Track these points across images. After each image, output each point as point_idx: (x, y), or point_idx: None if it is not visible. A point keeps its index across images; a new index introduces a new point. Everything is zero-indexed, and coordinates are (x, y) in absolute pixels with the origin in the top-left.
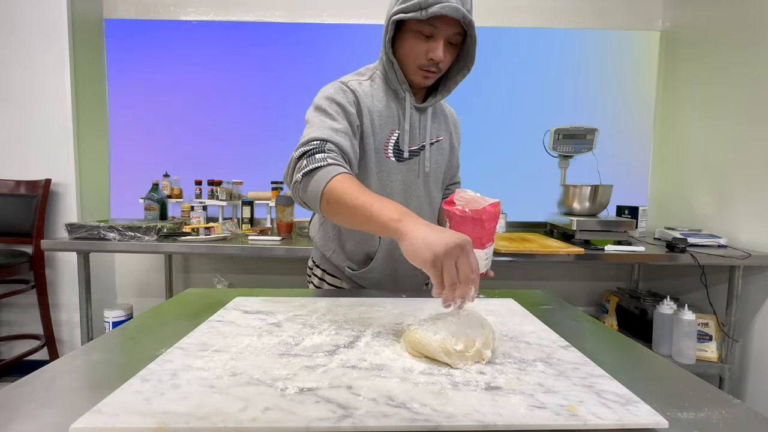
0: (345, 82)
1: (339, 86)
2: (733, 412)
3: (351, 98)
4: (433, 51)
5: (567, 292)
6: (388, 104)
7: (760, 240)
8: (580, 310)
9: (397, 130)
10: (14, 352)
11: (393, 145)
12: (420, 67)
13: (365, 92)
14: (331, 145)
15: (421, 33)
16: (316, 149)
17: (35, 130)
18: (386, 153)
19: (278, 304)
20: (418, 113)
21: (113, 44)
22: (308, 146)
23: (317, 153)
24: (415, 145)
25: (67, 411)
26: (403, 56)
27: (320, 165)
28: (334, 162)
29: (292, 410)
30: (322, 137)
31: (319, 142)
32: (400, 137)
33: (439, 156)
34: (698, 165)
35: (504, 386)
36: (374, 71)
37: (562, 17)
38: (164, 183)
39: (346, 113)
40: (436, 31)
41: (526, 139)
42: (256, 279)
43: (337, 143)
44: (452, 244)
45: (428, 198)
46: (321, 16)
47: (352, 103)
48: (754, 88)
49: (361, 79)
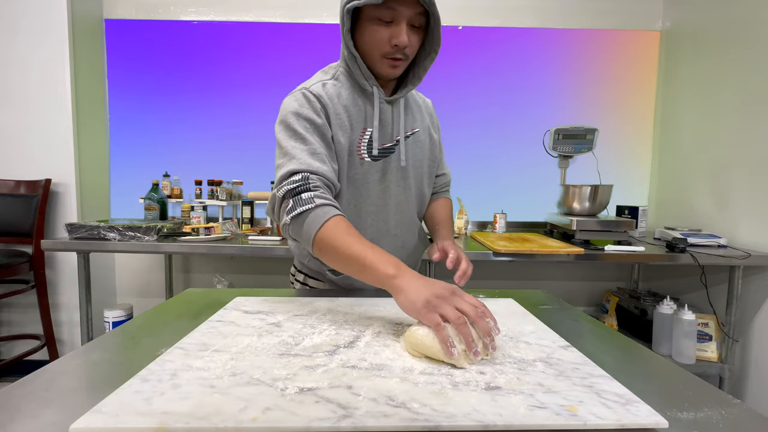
0: (307, 87)
1: (302, 96)
2: (733, 412)
3: (317, 106)
4: (396, 36)
5: (567, 292)
6: (356, 102)
7: (760, 240)
8: (580, 310)
9: (369, 128)
10: (14, 352)
11: (366, 144)
12: (385, 56)
13: (330, 93)
14: (314, 178)
15: (381, 19)
16: (300, 187)
17: (35, 130)
18: (360, 154)
19: (278, 304)
20: (390, 106)
21: (113, 44)
22: (291, 184)
23: (302, 192)
24: (389, 141)
25: (67, 411)
26: (365, 47)
27: (308, 208)
28: (322, 202)
29: (292, 410)
30: (302, 169)
31: (302, 177)
32: (373, 135)
33: (417, 148)
34: (698, 165)
35: (504, 386)
36: (337, 69)
37: (562, 17)
38: (164, 183)
39: (315, 127)
40: (396, 14)
41: (526, 139)
42: (256, 279)
43: (318, 173)
44: (441, 288)
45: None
46: (321, 16)
47: (319, 112)
48: (754, 88)
49: (324, 79)
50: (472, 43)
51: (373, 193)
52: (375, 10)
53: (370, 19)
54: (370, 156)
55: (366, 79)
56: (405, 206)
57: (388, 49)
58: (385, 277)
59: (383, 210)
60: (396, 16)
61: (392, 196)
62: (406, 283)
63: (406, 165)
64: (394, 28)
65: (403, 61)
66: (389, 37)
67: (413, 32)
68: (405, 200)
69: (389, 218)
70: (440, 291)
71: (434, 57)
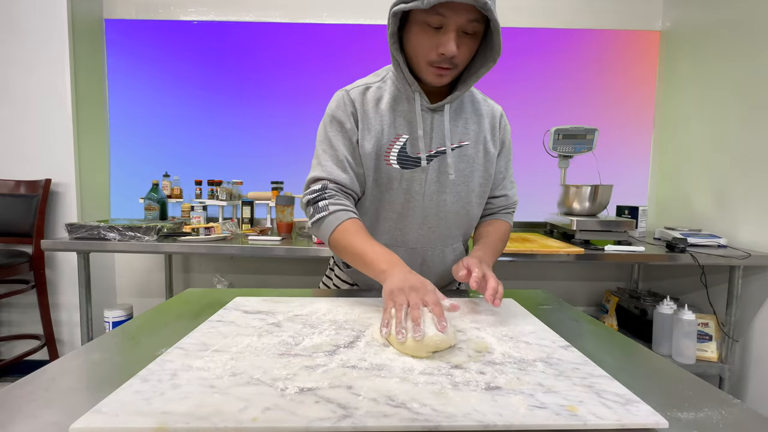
0: (348, 90)
1: (341, 97)
2: (733, 412)
3: (350, 110)
4: (444, 45)
5: (567, 292)
6: (396, 107)
7: (760, 240)
8: (580, 310)
9: (404, 135)
10: (14, 352)
11: (398, 151)
12: (431, 64)
13: (369, 98)
14: (332, 187)
15: (429, 24)
16: (318, 197)
17: (35, 130)
18: (387, 160)
19: (278, 304)
20: (432, 115)
21: (113, 44)
22: (312, 194)
23: (320, 201)
24: (427, 151)
25: (67, 411)
26: (411, 52)
27: (323, 215)
28: (336, 209)
29: (292, 410)
30: (322, 177)
31: (321, 187)
32: (408, 142)
33: (463, 163)
34: (698, 165)
35: (504, 386)
36: (388, 71)
37: (562, 17)
38: (164, 183)
39: (344, 132)
40: (445, 20)
41: (526, 139)
42: (256, 279)
43: (337, 181)
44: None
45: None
46: (321, 16)
47: (350, 117)
48: (754, 88)
49: (372, 81)
50: None
51: (395, 200)
52: (423, 14)
53: (418, 23)
54: (399, 163)
55: (409, 84)
56: (435, 222)
57: (434, 58)
58: (378, 272)
59: (403, 220)
60: (445, 23)
61: (417, 209)
62: (390, 275)
63: (443, 178)
64: (442, 36)
65: (451, 70)
66: (436, 44)
67: (465, 40)
68: (436, 216)
69: (409, 230)
70: (411, 284)
71: (491, 66)
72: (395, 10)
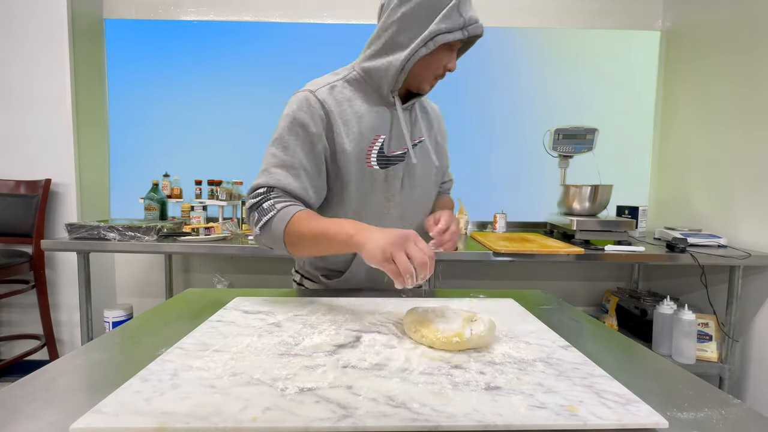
0: (313, 91)
1: (305, 99)
2: (733, 412)
3: (318, 113)
4: (451, 62)
5: (567, 292)
6: (371, 109)
7: (760, 240)
8: (580, 310)
9: (382, 135)
10: (14, 352)
11: (377, 151)
12: (436, 77)
13: (339, 98)
14: (277, 191)
15: (451, 48)
16: (263, 199)
17: (35, 130)
18: (368, 162)
19: (278, 304)
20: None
21: (113, 44)
22: (255, 198)
23: (264, 202)
24: (400, 149)
25: (67, 411)
26: (422, 68)
27: (271, 216)
28: (284, 205)
29: (292, 410)
30: (269, 184)
31: (265, 190)
32: (385, 142)
33: (425, 157)
34: (698, 165)
35: (504, 386)
36: (349, 73)
37: (562, 17)
38: (164, 183)
39: (307, 135)
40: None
41: (526, 139)
42: (256, 279)
43: (285, 189)
44: (396, 237)
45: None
46: (321, 16)
47: (317, 120)
48: (754, 88)
49: (334, 81)
50: None
51: (376, 202)
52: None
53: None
54: (378, 164)
55: (392, 90)
56: (410, 216)
57: (441, 72)
58: (346, 239)
59: (386, 218)
60: (455, 44)
61: (396, 206)
62: (363, 237)
63: (413, 174)
64: (450, 54)
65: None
66: (445, 61)
67: None
68: (410, 210)
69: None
70: (395, 239)
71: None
72: (438, 39)
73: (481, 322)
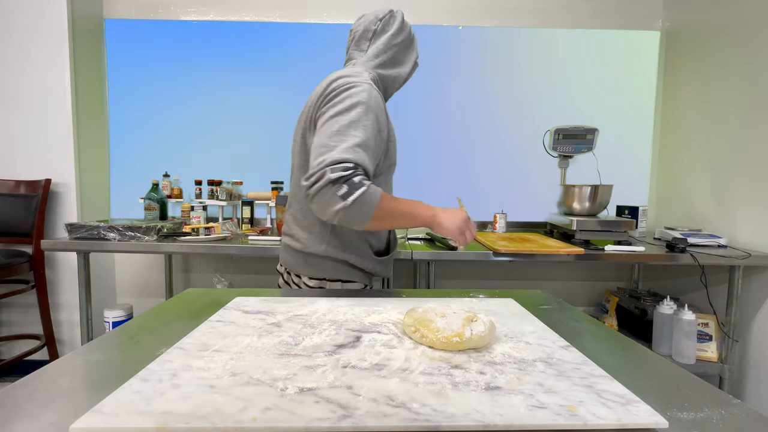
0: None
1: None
2: (733, 412)
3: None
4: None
5: (567, 292)
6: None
7: (760, 240)
8: (580, 310)
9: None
10: (14, 352)
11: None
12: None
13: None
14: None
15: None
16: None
17: (35, 130)
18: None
19: (278, 304)
20: None
21: (113, 44)
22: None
23: (354, 177)
24: None
25: (67, 411)
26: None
27: (364, 191)
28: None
29: (292, 410)
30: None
31: (353, 166)
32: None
33: None
34: (698, 165)
35: (504, 386)
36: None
37: (562, 17)
38: (164, 183)
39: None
40: None
41: (526, 139)
42: (256, 279)
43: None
44: (464, 218)
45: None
46: (321, 16)
47: (384, 111)
48: (754, 88)
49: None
50: (472, 44)
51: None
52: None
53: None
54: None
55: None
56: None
57: None
58: (428, 217)
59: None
60: None
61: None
62: (441, 216)
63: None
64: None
65: None
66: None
67: None
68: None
69: None
70: (464, 220)
71: None
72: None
73: (481, 322)
